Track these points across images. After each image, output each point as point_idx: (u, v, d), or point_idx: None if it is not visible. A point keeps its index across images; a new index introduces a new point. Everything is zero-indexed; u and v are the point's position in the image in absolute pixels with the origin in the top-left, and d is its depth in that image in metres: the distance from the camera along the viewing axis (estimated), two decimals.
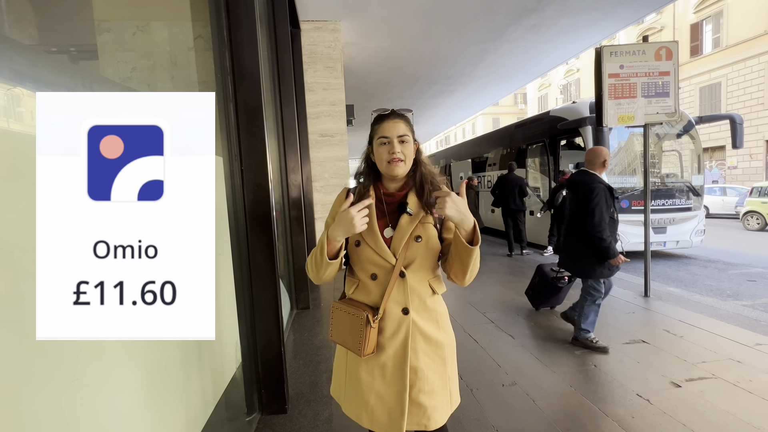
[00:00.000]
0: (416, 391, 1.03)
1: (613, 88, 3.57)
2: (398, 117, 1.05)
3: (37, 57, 1.05)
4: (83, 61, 1.34)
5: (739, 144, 5.76)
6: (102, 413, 0.96)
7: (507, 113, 31.56)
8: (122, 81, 1.44)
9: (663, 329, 3.06)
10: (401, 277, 1.03)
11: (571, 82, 24.54)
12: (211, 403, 1.75)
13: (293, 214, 3.93)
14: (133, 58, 1.53)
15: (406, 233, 1.03)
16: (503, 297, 4.15)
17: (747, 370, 2.35)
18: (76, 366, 0.87)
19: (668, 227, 6.20)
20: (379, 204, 1.09)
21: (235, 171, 1.97)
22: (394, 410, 1.02)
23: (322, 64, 5.44)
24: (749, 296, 4.33)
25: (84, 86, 1.28)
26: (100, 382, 0.96)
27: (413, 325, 1.03)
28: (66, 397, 0.83)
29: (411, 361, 1.03)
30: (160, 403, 1.25)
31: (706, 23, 16.51)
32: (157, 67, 1.71)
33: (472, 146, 11.50)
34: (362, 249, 1.05)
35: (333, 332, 1.09)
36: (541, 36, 6.34)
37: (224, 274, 1.93)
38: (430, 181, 1.08)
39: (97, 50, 1.35)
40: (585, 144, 6.26)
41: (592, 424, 1.89)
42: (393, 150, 1.01)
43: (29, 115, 0.97)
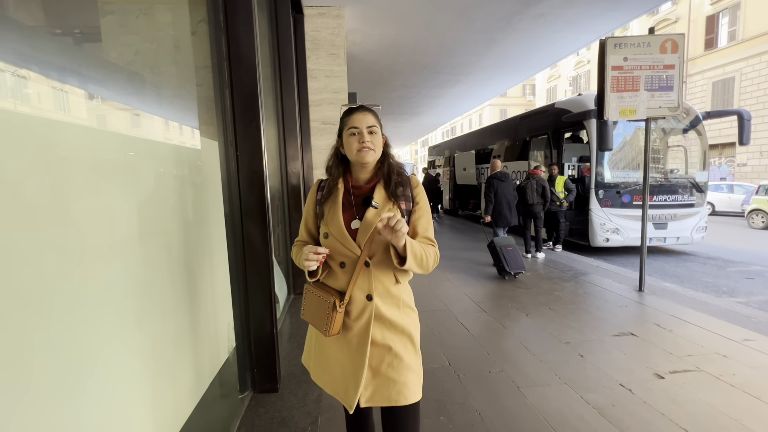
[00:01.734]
0: (386, 366, 1.10)
1: (615, 80, 3.53)
2: (367, 110, 1.12)
3: (40, 38, 1.08)
4: (87, 44, 1.36)
5: (746, 141, 5.68)
6: (103, 388, 1.02)
7: (515, 104, 31.11)
8: (126, 64, 1.47)
9: (653, 323, 3.09)
10: (366, 266, 1.10)
11: (581, 74, 24.08)
12: (206, 381, 1.82)
13: (292, 203, 3.97)
14: (137, 41, 1.56)
15: (370, 226, 1.07)
16: (499, 288, 4.20)
17: (732, 365, 2.38)
18: (71, 346, 0.92)
19: (669, 223, 6.17)
20: (348, 196, 1.14)
21: (231, 156, 2.01)
22: (351, 384, 1.10)
23: (324, 50, 5.41)
24: (745, 293, 4.33)
25: (88, 69, 1.31)
26: (103, 359, 1.02)
27: (376, 309, 1.10)
28: (60, 378, 0.88)
29: (378, 340, 1.10)
30: (154, 379, 1.31)
31: (722, 15, 16.04)
32: (159, 51, 1.74)
33: (477, 137, 11.41)
34: (330, 241, 1.12)
35: (304, 312, 1.17)
36: (548, 26, 6.24)
37: (219, 257, 1.98)
38: (397, 173, 1.14)
39: (100, 32, 1.37)
40: (589, 137, 6.20)
41: (573, 411, 1.94)
42: (363, 139, 1.08)
43: (36, 98, 1.01)
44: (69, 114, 1.12)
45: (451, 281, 4.44)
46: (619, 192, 6.11)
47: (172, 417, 1.45)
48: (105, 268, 1.07)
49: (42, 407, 0.82)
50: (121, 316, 1.14)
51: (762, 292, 4.36)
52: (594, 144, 5.95)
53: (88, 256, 1.00)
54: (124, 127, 1.46)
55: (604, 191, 6.09)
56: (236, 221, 2.04)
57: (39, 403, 0.81)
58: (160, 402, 1.35)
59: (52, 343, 0.86)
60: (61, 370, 0.88)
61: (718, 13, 16.14)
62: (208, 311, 1.88)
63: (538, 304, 3.61)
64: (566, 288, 4.14)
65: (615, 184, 6.17)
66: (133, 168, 1.28)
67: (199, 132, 1.94)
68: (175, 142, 1.81)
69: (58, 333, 0.87)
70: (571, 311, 3.41)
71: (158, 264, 1.40)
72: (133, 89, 1.51)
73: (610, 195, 6.10)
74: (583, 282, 4.36)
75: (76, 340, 0.93)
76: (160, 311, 1.39)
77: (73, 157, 0.97)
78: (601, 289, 4.05)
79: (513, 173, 8.49)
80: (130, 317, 1.18)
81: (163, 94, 1.80)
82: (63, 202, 0.92)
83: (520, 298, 3.81)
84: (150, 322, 1.30)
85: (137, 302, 1.22)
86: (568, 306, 3.55)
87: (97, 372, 1.00)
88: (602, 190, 6.10)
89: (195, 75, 1.93)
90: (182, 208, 1.64)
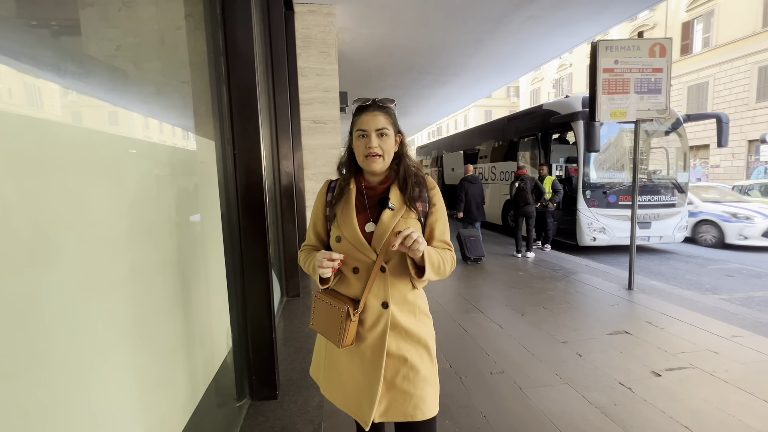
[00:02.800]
0: (401, 378, 1.02)
1: (607, 83, 3.59)
2: (378, 109, 1.03)
3: (16, 30, 0.99)
4: (65, 37, 1.26)
5: (724, 143, 5.88)
6: (89, 398, 0.94)
7: (500, 106, 31.57)
8: (107, 59, 1.37)
9: (645, 321, 3.16)
10: (382, 272, 1.03)
11: (563, 77, 24.62)
12: (201, 389, 1.74)
13: (284, 202, 3.88)
14: (119, 36, 1.46)
15: (387, 229, 1.01)
16: (492, 289, 4.22)
17: (723, 361, 2.44)
18: (65, 349, 0.85)
19: (653, 222, 6.35)
20: (360, 197, 1.07)
21: (228, 155, 1.93)
22: (365, 398, 1.02)
23: (315, 48, 5.32)
24: (727, 290, 4.48)
25: (66, 63, 1.21)
26: (88, 367, 0.94)
27: (393, 318, 1.03)
28: (52, 381, 0.81)
29: (393, 351, 1.03)
30: (148, 388, 1.23)
31: (697, 22, 16.67)
32: (143, 46, 1.64)
33: (465, 138, 11.51)
34: (343, 245, 1.04)
35: (314, 322, 1.09)
36: (537, 28, 6.32)
37: (215, 260, 1.90)
38: (414, 175, 1.07)
39: (80, 25, 1.28)
40: (576, 138, 6.32)
41: (576, 411, 1.94)
42: (370, 144, 1.00)
43: (7, 93, 0.92)
44: (49, 112, 1.04)
45: (446, 281, 4.44)
46: (605, 192, 6.24)
47: (168, 428, 1.37)
48: (95, 272, 0.99)
49: (26, 419, 0.74)
50: (112, 321, 1.05)
51: (742, 289, 4.53)
52: (581, 145, 6.07)
53: (78, 260, 0.92)
54: (113, 126, 1.36)
55: (591, 192, 6.22)
56: (233, 223, 1.97)
57: (23, 413, 0.74)
58: (153, 413, 1.27)
59: (37, 350, 0.78)
60: (47, 380, 0.80)
61: (693, 19, 16.77)
62: (203, 316, 1.79)
63: (533, 304, 3.63)
64: (558, 287, 4.19)
65: (601, 184, 6.30)
66: (126, 168, 1.20)
67: (195, 130, 1.85)
68: (169, 140, 1.73)
69: (43, 339, 0.79)
70: (565, 310, 3.45)
71: (152, 267, 1.32)
72: (122, 86, 1.42)
73: (597, 195, 6.23)
74: (574, 281, 4.42)
75: (62, 347, 0.85)
76: (153, 317, 1.31)
77: (62, 157, 0.89)
78: (592, 288, 4.12)
79: (501, 174, 8.59)
80: (122, 323, 1.10)
81: (155, 91, 1.71)
82: (52, 203, 0.84)
83: (514, 298, 3.83)
84: (143, 327, 1.22)
85: (129, 307, 1.14)
86: (562, 305, 3.59)
87: (85, 381, 0.92)
88: (589, 190, 6.22)
89: (190, 71, 1.84)
90: (177, 210, 1.56)
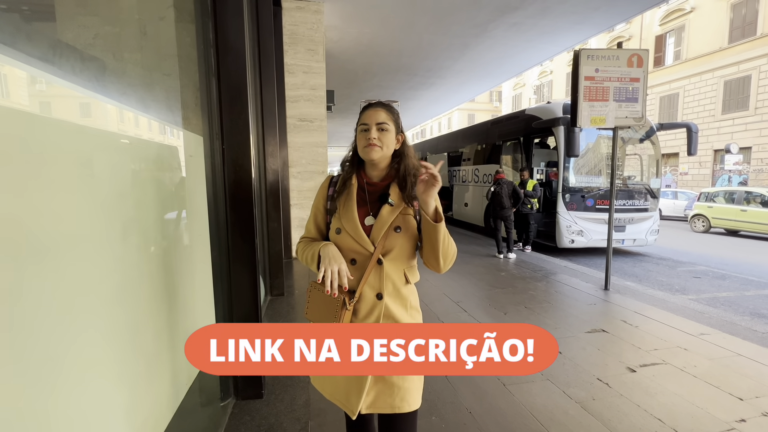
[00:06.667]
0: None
1: (588, 90, 3.72)
2: (380, 106, 1.09)
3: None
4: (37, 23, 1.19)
5: (694, 151, 6.20)
6: (70, 397, 0.91)
7: (482, 110, 32.13)
8: (84, 48, 1.30)
9: (621, 319, 3.29)
10: (378, 264, 1.07)
11: (544, 84, 25.31)
12: (183, 388, 1.70)
13: (270, 201, 3.83)
14: (96, 23, 1.38)
15: (386, 223, 1.06)
16: (476, 288, 4.29)
17: (693, 357, 2.58)
18: (46, 348, 0.82)
19: (627, 226, 6.61)
20: (361, 192, 1.12)
21: (216, 150, 1.89)
22: (353, 389, 1.06)
23: (303, 46, 5.28)
24: (695, 291, 4.72)
25: (40, 50, 1.15)
26: (70, 365, 0.91)
27: (386, 309, 1.08)
28: (33, 381, 0.78)
29: None
30: (130, 387, 1.20)
31: (669, 36, 17.48)
32: (124, 36, 1.58)
33: (449, 140, 11.64)
34: (342, 237, 1.09)
35: (309, 311, 1.12)
36: (521, 35, 6.48)
37: (202, 256, 1.86)
38: (413, 174, 1.10)
39: (54, 11, 1.22)
40: (557, 143, 6.50)
41: (558, 406, 2.01)
42: (370, 136, 1.05)
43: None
44: (18, 102, 0.99)
45: (430, 281, 4.48)
46: (583, 196, 6.46)
47: (150, 428, 1.34)
48: (77, 269, 0.95)
49: (8, 420, 0.71)
50: (95, 319, 1.02)
51: (708, 290, 4.78)
52: (562, 149, 6.25)
53: (59, 257, 0.88)
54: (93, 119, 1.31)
55: (571, 195, 6.42)
56: (221, 219, 1.93)
57: (5, 414, 0.71)
58: (135, 412, 1.23)
59: (17, 350, 0.75)
60: (27, 380, 0.77)
61: (665, 33, 17.57)
62: (188, 312, 1.75)
63: (515, 303, 3.72)
64: (539, 287, 4.30)
65: (580, 188, 6.52)
66: (109, 164, 1.16)
67: (182, 125, 1.81)
68: (156, 135, 1.68)
69: (23, 339, 0.76)
70: (546, 309, 3.55)
71: (135, 264, 1.28)
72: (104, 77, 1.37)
73: (576, 199, 6.44)
74: (554, 281, 4.56)
75: (44, 346, 0.82)
76: (136, 314, 1.27)
77: (45, 153, 0.86)
78: (571, 288, 4.26)
79: (484, 176, 8.75)
80: (104, 320, 1.06)
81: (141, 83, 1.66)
82: (33, 199, 0.80)
83: (497, 297, 3.91)
84: (125, 324, 1.18)
85: (112, 304, 1.11)
86: (543, 304, 3.70)
87: (66, 380, 0.88)
88: (568, 194, 6.42)
89: (178, 64, 1.80)
90: (162, 206, 1.52)
